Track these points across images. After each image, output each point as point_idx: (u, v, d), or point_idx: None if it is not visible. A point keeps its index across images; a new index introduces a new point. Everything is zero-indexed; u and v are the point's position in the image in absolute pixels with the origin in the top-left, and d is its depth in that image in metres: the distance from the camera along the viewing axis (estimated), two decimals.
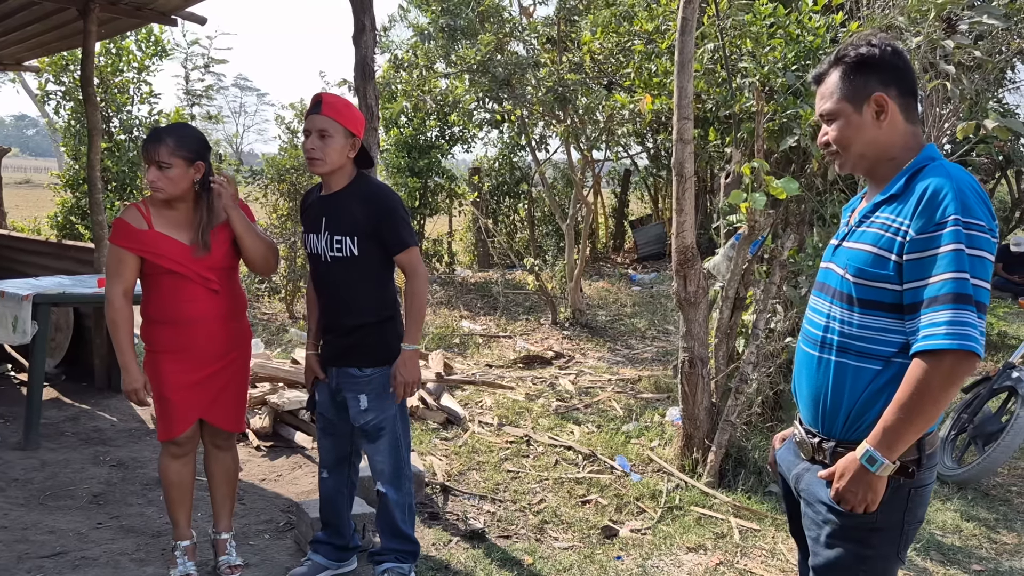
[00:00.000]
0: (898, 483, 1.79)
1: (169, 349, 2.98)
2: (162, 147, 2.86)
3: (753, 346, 4.37)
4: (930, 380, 1.66)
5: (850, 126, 1.89)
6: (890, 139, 1.88)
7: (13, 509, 3.76)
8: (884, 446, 1.72)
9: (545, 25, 8.98)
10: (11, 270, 6.58)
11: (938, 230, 1.70)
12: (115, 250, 2.91)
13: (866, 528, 1.82)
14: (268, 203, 9.09)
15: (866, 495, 1.76)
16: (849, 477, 1.77)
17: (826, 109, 1.92)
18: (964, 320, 1.64)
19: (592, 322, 8.50)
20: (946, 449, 4.70)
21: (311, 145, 2.90)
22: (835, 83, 1.90)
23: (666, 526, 3.85)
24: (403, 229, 2.94)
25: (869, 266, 1.81)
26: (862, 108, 1.87)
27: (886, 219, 1.81)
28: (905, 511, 1.82)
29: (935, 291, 1.68)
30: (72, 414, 5.22)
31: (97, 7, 5.63)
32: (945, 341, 1.64)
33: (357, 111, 3.00)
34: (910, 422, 1.70)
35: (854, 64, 1.88)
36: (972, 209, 1.70)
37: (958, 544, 3.80)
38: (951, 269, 1.66)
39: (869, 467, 1.74)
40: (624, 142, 11.84)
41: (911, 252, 1.73)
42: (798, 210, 4.88)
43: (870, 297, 1.81)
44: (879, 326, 1.80)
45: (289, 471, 4.41)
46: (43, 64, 9.32)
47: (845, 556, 1.86)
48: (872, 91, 1.86)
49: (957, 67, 4.34)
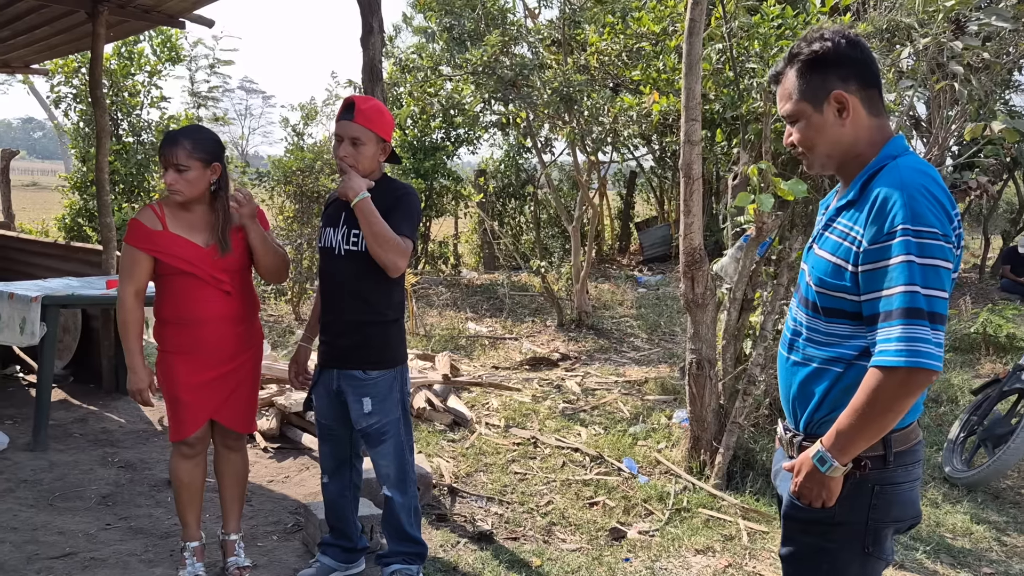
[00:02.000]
0: (857, 479, 1.78)
1: (181, 349, 2.99)
2: (179, 150, 2.87)
3: (761, 348, 4.36)
4: (881, 392, 1.65)
5: (812, 127, 1.84)
6: (855, 136, 1.82)
7: (23, 510, 3.77)
8: (836, 448, 1.73)
9: (549, 28, 8.99)
10: (20, 272, 6.60)
11: (888, 240, 1.66)
12: (129, 250, 2.93)
13: (826, 523, 1.83)
14: (274, 205, 9.11)
15: (820, 492, 1.78)
16: (804, 474, 1.79)
17: (786, 111, 1.87)
18: (915, 336, 1.61)
19: (598, 324, 8.49)
20: (956, 451, 4.68)
21: (344, 152, 2.90)
22: (793, 83, 1.85)
23: (674, 528, 3.85)
24: (404, 221, 2.91)
25: (829, 276, 1.80)
26: (822, 107, 1.81)
27: (845, 226, 1.79)
28: (869, 508, 1.80)
29: (887, 305, 1.65)
30: (80, 415, 5.23)
31: (106, 10, 5.65)
32: (896, 359, 1.62)
33: (388, 115, 3.00)
34: (861, 429, 1.69)
35: (809, 62, 1.82)
36: (922, 216, 1.64)
37: (968, 547, 3.79)
38: (901, 282, 1.63)
39: (820, 467, 1.75)
40: (630, 144, 11.83)
41: (864, 263, 1.70)
42: (805, 211, 4.86)
43: (832, 306, 1.81)
44: (842, 332, 1.80)
45: (297, 472, 4.42)
46: (54, 67, 9.36)
47: (806, 548, 1.88)
48: (831, 88, 1.80)
49: (965, 68, 4.33)
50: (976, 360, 7.10)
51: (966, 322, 7.85)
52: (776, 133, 4.68)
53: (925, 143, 4.98)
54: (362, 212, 2.82)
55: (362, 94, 4.37)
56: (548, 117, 8.21)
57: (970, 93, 4.44)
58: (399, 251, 2.84)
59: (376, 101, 2.99)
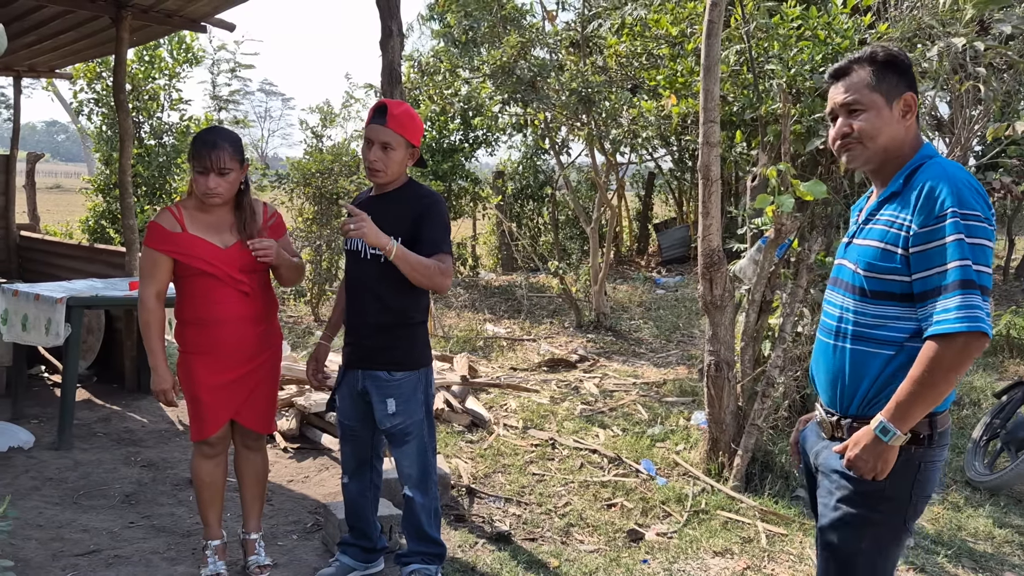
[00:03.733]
0: (909, 454, 1.91)
1: (201, 350, 3.03)
2: (224, 153, 2.89)
3: (780, 350, 4.34)
4: (943, 358, 1.79)
5: (880, 118, 1.98)
6: (906, 138, 2.00)
7: (48, 508, 3.83)
8: (897, 418, 1.85)
9: (567, 29, 8.99)
10: (45, 273, 6.70)
11: (939, 223, 1.83)
12: (149, 252, 2.97)
13: (876, 495, 1.95)
14: (294, 207, 9.18)
15: (877, 463, 1.89)
16: (863, 446, 1.90)
17: (853, 99, 2.00)
18: (972, 303, 1.78)
19: (616, 325, 8.48)
20: (978, 454, 4.64)
21: (374, 157, 2.90)
22: (866, 77, 2.00)
23: (692, 530, 3.84)
24: (439, 232, 2.93)
25: (878, 260, 1.94)
26: (892, 104, 1.98)
27: (890, 216, 1.95)
28: (914, 483, 1.94)
29: (943, 280, 1.82)
30: (103, 415, 5.30)
31: (129, 15, 5.73)
32: (957, 324, 1.77)
33: (419, 121, 3.01)
34: (922, 396, 1.83)
35: (885, 62, 2.00)
36: (968, 201, 1.83)
37: (990, 551, 3.75)
38: (956, 258, 1.80)
39: (882, 437, 1.87)
40: (648, 145, 11.81)
41: (916, 245, 1.87)
42: (825, 213, 4.83)
43: (881, 288, 1.94)
44: (892, 315, 1.94)
45: (316, 472, 4.45)
46: (77, 71, 9.49)
47: (853, 517, 1.99)
48: (904, 90, 1.99)
49: (988, 68, 4.29)
50: (999, 362, 7.02)
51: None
52: (795, 135, 4.66)
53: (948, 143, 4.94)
54: (401, 261, 2.81)
55: (381, 97, 4.40)
56: (566, 118, 8.22)
57: (993, 94, 4.40)
58: (443, 274, 2.88)
59: (407, 106, 3.00)
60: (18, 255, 7.57)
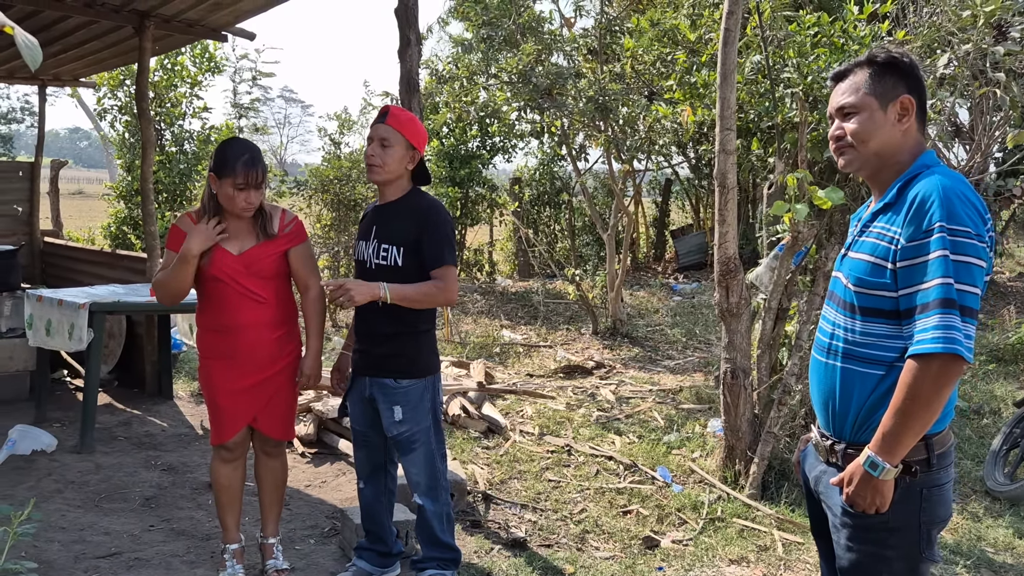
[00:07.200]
0: (906, 484, 1.83)
1: (218, 355, 3.08)
2: (261, 169, 2.98)
3: (796, 357, 4.32)
4: (920, 383, 1.73)
5: (873, 121, 1.92)
6: (903, 143, 1.93)
7: (70, 511, 3.89)
8: (884, 451, 1.79)
9: (585, 36, 9.01)
10: (68, 279, 6.79)
11: (926, 237, 1.77)
12: (169, 255, 3.06)
13: (881, 529, 1.87)
14: (312, 213, 9.25)
15: (874, 498, 1.82)
16: (856, 482, 1.84)
17: (849, 102, 1.96)
18: (950, 324, 1.71)
19: (633, 332, 8.47)
20: (998, 464, 4.60)
21: (372, 152, 2.98)
22: (863, 79, 1.95)
23: (708, 538, 3.83)
24: (444, 246, 2.97)
25: (868, 275, 1.88)
26: (887, 107, 1.92)
27: (882, 228, 1.89)
28: (920, 511, 1.86)
29: (924, 298, 1.75)
30: (124, 419, 5.37)
31: (152, 24, 5.81)
32: (932, 345, 1.71)
33: (421, 126, 3.06)
34: (906, 426, 1.76)
35: (884, 65, 1.94)
36: (958, 216, 1.76)
37: (1010, 561, 3.72)
38: (938, 275, 1.74)
39: (872, 472, 1.80)
40: (665, 152, 11.79)
41: (903, 259, 1.81)
42: (842, 220, 4.81)
43: (870, 305, 1.88)
44: (881, 332, 1.87)
45: (333, 477, 4.49)
46: (100, 80, 9.63)
47: (866, 556, 1.91)
48: (900, 93, 1.92)
49: (1007, 74, 4.26)
50: (1020, 371, 6.94)
51: (1010, 332, 7.68)
52: (812, 142, 4.65)
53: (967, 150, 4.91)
54: (399, 300, 2.89)
55: (399, 105, 4.44)
56: (583, 125, 8.23)
57: (1012, 100, 4.37)
58: (447, 292, 2.94)
59: (411, 113, 3.06)
60: (42, 261, 7.68)
